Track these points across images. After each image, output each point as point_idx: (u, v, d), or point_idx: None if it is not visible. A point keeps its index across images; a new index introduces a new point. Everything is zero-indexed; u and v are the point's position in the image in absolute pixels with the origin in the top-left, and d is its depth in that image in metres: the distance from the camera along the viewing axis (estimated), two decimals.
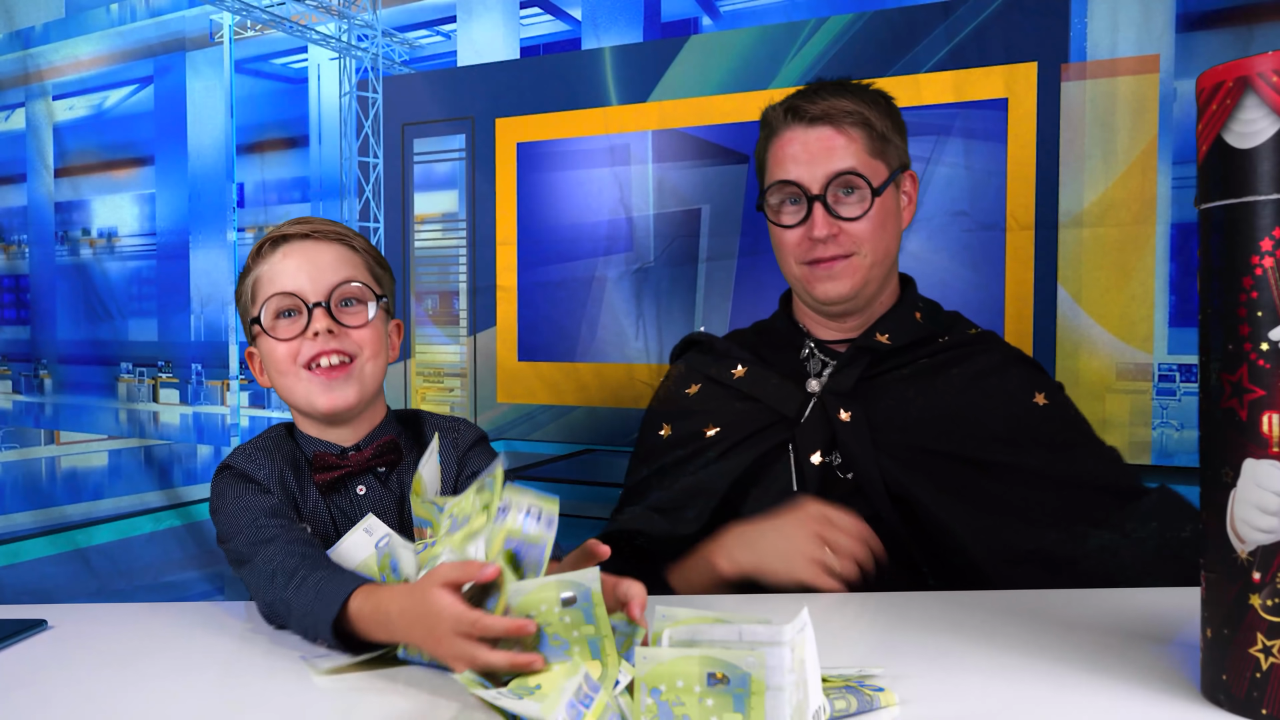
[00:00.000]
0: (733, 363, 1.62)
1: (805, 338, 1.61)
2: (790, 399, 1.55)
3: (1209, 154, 0.84)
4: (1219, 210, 0.83)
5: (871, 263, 1.52)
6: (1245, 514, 0.81)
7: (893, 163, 1.54)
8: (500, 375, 2.41)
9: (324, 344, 1.34)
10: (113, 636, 1.05)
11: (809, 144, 1.51)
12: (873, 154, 1.51)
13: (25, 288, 3.04)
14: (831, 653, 0.97)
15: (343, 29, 2.54)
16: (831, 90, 1.53)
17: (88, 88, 2.92)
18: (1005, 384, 1.53)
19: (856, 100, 1.51)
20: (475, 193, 2.42)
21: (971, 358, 1.56)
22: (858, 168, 1.49)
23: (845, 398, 1.51)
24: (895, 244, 1.57)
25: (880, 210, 1.51)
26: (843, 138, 1.50)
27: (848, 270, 1.52)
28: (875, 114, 1.51)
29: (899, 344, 1.54)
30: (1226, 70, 0.82)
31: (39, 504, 2.97)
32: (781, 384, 1.57)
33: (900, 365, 1.55)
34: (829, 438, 1.50)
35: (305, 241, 1.38)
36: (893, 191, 1.54)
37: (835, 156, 1.50)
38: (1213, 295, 0.84)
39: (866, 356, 1.54)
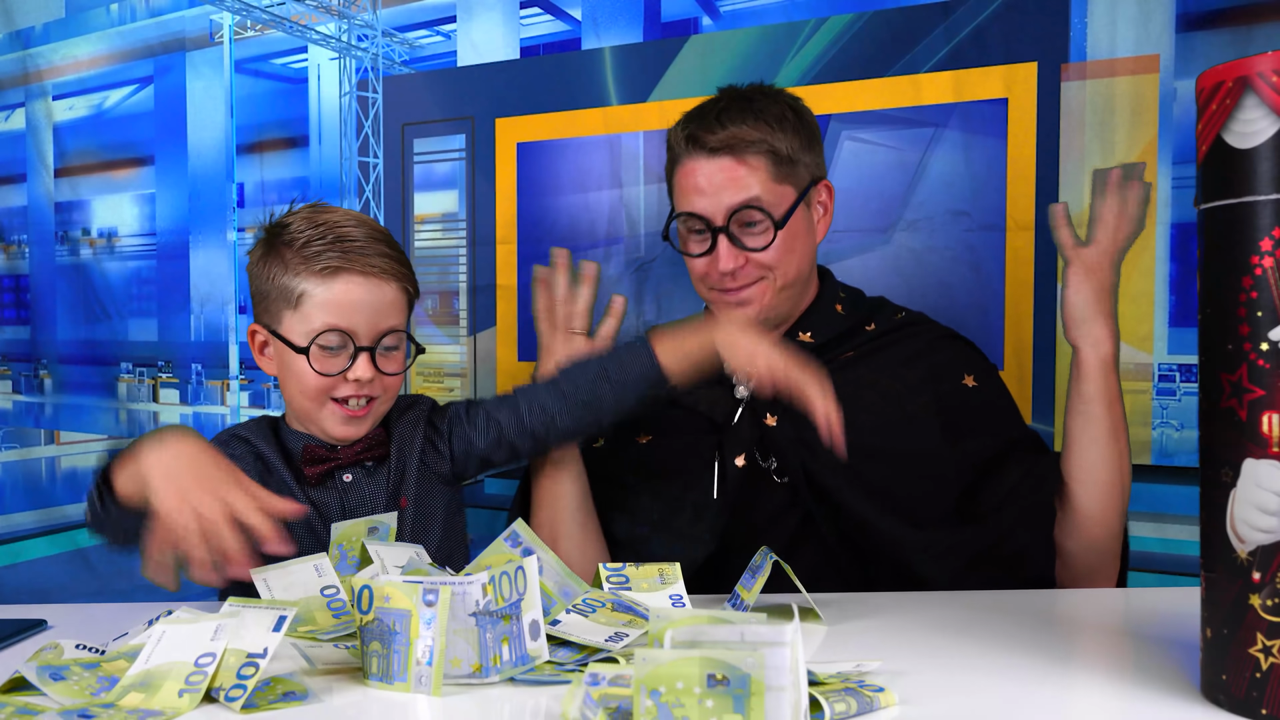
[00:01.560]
0: None
1: None
2: (719, 405, 1.53)
3: (1209, 154, 0.84)
4: (1218, 210, 0.83)
5: (781, 285, 1.50)
6: (1245, 514, 0.81)
7: (802, 181, 1.50)
8: (500, 375, 2.41)
9: (359, 389, 1.35)
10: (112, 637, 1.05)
11: (711, 175, 1.47)
12: (777, 179, 1.47)
13: (25, 288, 3.05)
14: (830, 652, 0.97)
15: (343, 29, 2.54)
16: (734, 114, 1.47)
17: (88, 88, 2.92)
18: (934, 365, 1.53)
19: (759, 124, 1.46)
20: (475, 193, 2.42)
21: (899, 343, 1.55)
22: (760, 198, 1.45)
23: (771, 402, 1.47)
24: (808, 260, 1.54)
25: (787, 235, 1.47)
26: (744, 168, 1.46)
27: (756, 295, 1.50)
28: (781, 136, 1.47)
29: (822, 341, 1.54)
30: (1226, 70, 0.82)
31: (39, 504, 2.97)
32: (710, 391, 1.54)
33: (826, 361, 1.50)
34: (758, 441, 1.49)
35: (367, 280, 1.34)
36: (802, 211, 1.50)
37: (737, 188, 1.46)
38: (1212, 295, 0.84)
39: None
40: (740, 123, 1.46)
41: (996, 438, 1.51)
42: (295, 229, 1.36)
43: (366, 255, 1.34)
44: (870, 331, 1.57)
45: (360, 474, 1.41)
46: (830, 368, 1.49)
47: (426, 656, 0.90)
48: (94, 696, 0.89)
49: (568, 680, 0.90)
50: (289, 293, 1.34)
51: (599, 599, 1.09)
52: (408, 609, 0.91)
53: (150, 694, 0.88)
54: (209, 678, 0.88)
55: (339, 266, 1.33)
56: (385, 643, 0.92)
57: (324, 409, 1.37)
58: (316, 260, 1.33)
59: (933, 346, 1.56)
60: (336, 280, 1.33)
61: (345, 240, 1.34)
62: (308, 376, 1.34)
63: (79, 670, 0.93)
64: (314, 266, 1.33)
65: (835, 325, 1.56)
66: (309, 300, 1.33)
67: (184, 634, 0.93)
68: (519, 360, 2.38)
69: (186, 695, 0.87)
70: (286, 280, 1.35)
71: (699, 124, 1.48)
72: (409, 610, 0.91)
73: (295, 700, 0.88)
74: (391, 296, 1.36)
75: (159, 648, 0.92)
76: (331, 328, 1.33)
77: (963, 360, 1.56)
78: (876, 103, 2.02)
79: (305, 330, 1.33)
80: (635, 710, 0.73)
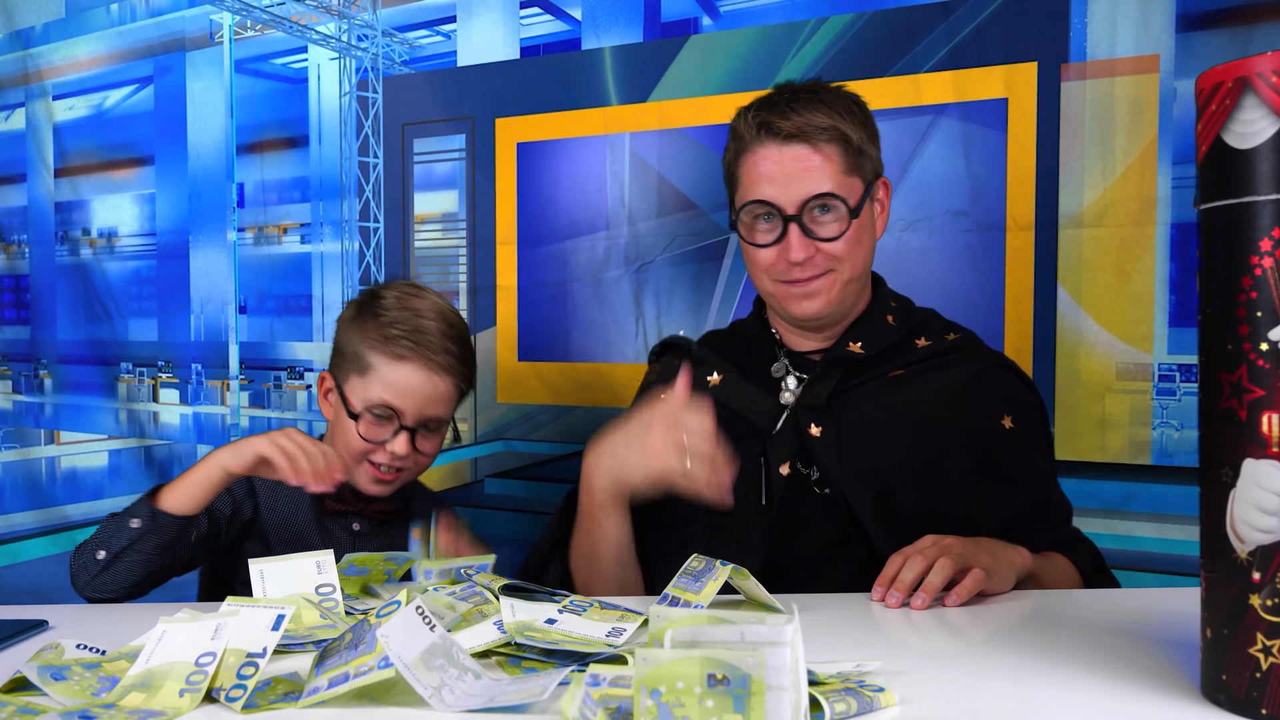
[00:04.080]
0: (709, 369, 1.59)
1: (778, 347, 1.57)
2: (764, 410, 1.52)
3: (1208, 154, 0.84)
4: (1218, 210, 0.83)
5: (849, 279, 1.47)
6: (1245, 514, 0.81)
7: (868, 175, 1.48)
8: (500, 375, 2.41)
9: (393, 460, 1.56)
10: (113, 637, 1.05)
11: (783, 163, 1.43)
12: (849, 171, 1.44)
13: (25, 288, 3.05)
14: (831, 652, 0.97)
15: (343, 29, 2.54)
16: (806, 103, 1.44)
17: (88, 88, 2.93)
18: (979, 398, 1.49)
19: (831, 113, 1.43)
20: (475, 193, 2.43)
21: (949, 367, 1.51)
22: (835, 189, 1.42)
23: (817, 412, 1.48)
24: (871, 256, 1.52)
25: (856, 227, 1.45)
26: (819, 156, 1.42)
27: (824, 287, 1.47)
28: (851, 126, 1.44)
29: (872, 352, 1.51)
30: (1226, 70, 0.81)
31: (39, 504, 2.97)
32: (756, 394, 1.54)
33: (875, 377, 1.51)
34: (800, 450, 1.47)
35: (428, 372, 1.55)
36: (867, 204, 1.48)
37: (811, 178, 1.42)
38: (1212, 295, 0.84)
39: (840, 369, 1.50)
40: (814, 110, 1.43)
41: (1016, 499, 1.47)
42: (384, 305, 1.58)
43: (433, 351, 1.55)
44: (921, 349, 1.53)
45: (369, 527, 1.62)
46: (877, 384, 1.50)
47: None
48: (95, 697, 0.89)
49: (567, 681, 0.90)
50: (361, 361, 1.55)
51: (585, 600, 1.10)
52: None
53: (151, 694, 0.88)
54: (209, 677, 0.88)
55: (407, 355, 1.54)
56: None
57: (359, 467, 1.56)
58: (392, 344, 1.54)
59: (981, 378, 1.51)
60: (401, 365, 1.54)
61: (421, 332, 1.55)
62: (353, 439, 1.54)
63: (80, 670, 0.93)
64: (387, 348, 1.54)
65: (885, 337, 1.52)
66: (374, 374, 1.54)
67: (184, 634, 0.93)
68: (519, 360, 2.38)
69: (187, 695, 0.87)
70: (362, 349, 1.56)
71: (771, 110, 1.45)
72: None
73: (295, 700, 0.88)
74: (445, 390, 1.58)
75: (159, 648, 0.93)
76: (384, 404, 1.54)
77: (1005, 397, 1.51)
78: (876, 103, 1.99)
79: (363, 398, 1.54)
80: (635, 710, 0.73)
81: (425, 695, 0.83)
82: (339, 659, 0.89)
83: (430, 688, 0.84)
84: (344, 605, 1.12)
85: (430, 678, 0.84)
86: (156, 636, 0.94)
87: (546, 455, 2.35)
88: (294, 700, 0.88)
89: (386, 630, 0.85)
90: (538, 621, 1.03)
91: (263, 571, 1.11)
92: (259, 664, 0.89)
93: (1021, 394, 1.54)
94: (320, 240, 2.61)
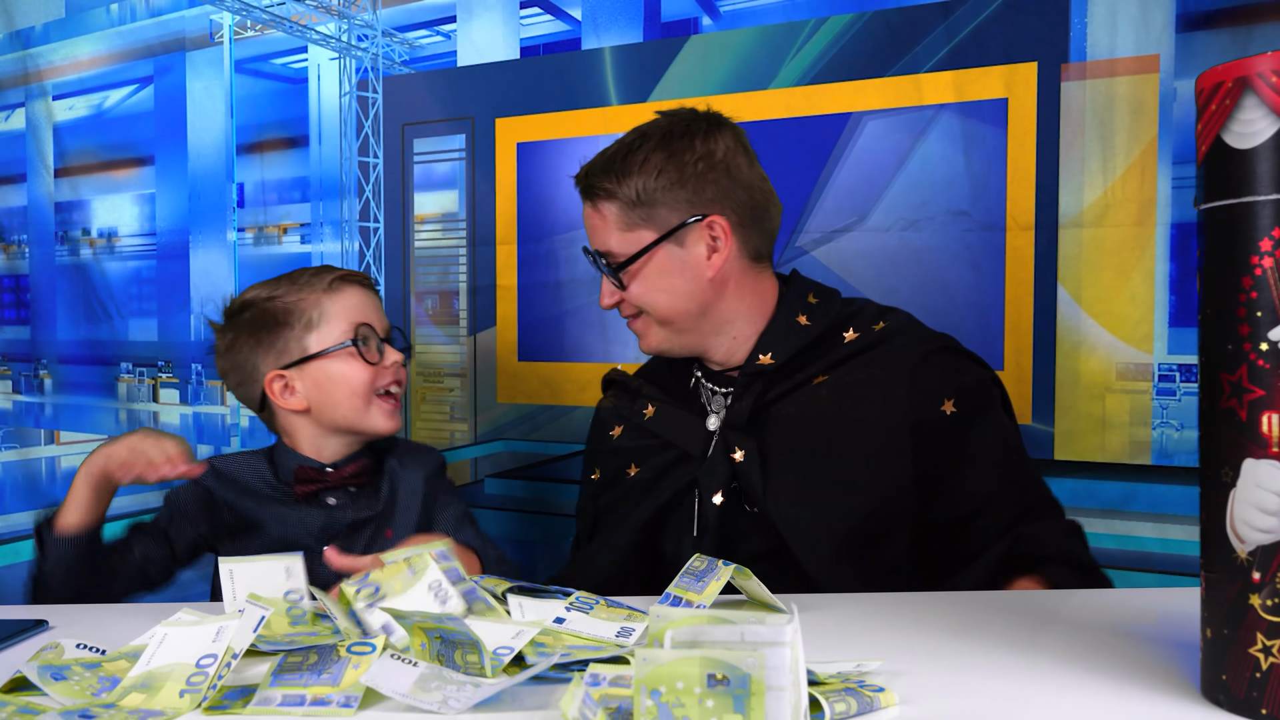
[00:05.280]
0: (643, 403, 1.62)
1: (694, 368, 1.61)
2: (695, 438, 1.53)
3: (1208, 154, 0.83)
4: (1218, 210, 0.83)
5: (662, 319, 1.52)
6: (1245, 514, 0.81)
7: (666, 222, 1.49)
8: (500, 375, 2.41)
9: (397, 373, 1.58)
10: (113, 637, 1.05)
11: (586, 218, 1.57)
12: (627, 227, 1.50)
13: (25, 288, 3.05)
14: (830, 652, 0.97)
15: (343, 29, 2.54)
16: (601, 161, 1.53)
17: (88, 88, 2.92)
18: (913, 391, 1.45)
19: (610, 173, 1.50)
20: (475, 193, 2.43)
21: (875, 363, 1.48)
22: (606, 246, 1.53)
23: (740, 432, 1.48)
24: (689, 298, 1.51)
25: (650, 275, 1.51)
26: (598, 215, 1.54)
27: (643, 327, 1.56)
28: (636, 180, 1.48)
29: (783, 360, 1.49)
30: (1226, 70, 0.81)
31: (39, 504, 2.97)
32: (687, 422, 1.55)
33: (796, 386, 1.49)
34: (730, 473, 1.47)
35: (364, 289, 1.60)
36: (668, 251, 1.49)
37: (596, 235, 1.55)
38: (1212, 295, 0.84)
39: (758, 383, 1.50)
40: (597, 172, 1.52)
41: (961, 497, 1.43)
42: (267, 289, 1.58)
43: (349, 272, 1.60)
44: (847, 344, 1.50)
45: (345, 499, 1.57)
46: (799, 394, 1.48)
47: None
48: (95, 697, 0.89)
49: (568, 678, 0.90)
50: (303, 317, 1.54)
51: (591, 598, 1.10)
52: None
53: (151, 694, 0.88)
54: (210, 678, 0.88)
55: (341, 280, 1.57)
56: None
57: (372, 406, 1.56)
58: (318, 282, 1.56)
59: (914, 367, 1.46)
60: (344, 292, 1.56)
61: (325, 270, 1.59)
62: (353, 375, 1.54)
63: (80, 670, 0.93)
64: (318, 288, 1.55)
65: (798, 339, 1.51)
66: (328, 313, 1.55)
67: (186, 635, 0.93)
68: (519, 360, 2.38)
69: (188, 696, 0.87)
70: (293, 317, 1.55)
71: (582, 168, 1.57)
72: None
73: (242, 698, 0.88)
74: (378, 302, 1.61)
75: (161, 649, 0.93)
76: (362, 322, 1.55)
77: (943, 381, 1.46)
78: (876, 103, 2.02)
79: (337, 336, 1.54)
80: (635, 710, 0.72)
81: (434, 709, 0.83)
82: (299, 678, 0.89)
83: (435, 703, 0.84)
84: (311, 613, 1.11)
85: (431, 697, 0.84)
86: (158, 638, 0.94)
87: (546, 455, 2.35)
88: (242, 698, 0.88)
89: (372, 675, 0.85)
90: (547, 621, 1.03)
91: (232, 571, 1.12)
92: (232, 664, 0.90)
93: (963, 375, 1.48)
94: (320, 240, 2.61)
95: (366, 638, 0.95)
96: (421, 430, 2.49)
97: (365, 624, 1.02)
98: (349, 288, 1.58)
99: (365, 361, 1.54)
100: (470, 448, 2.44)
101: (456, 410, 2.45)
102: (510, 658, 0.92)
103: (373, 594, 1.05)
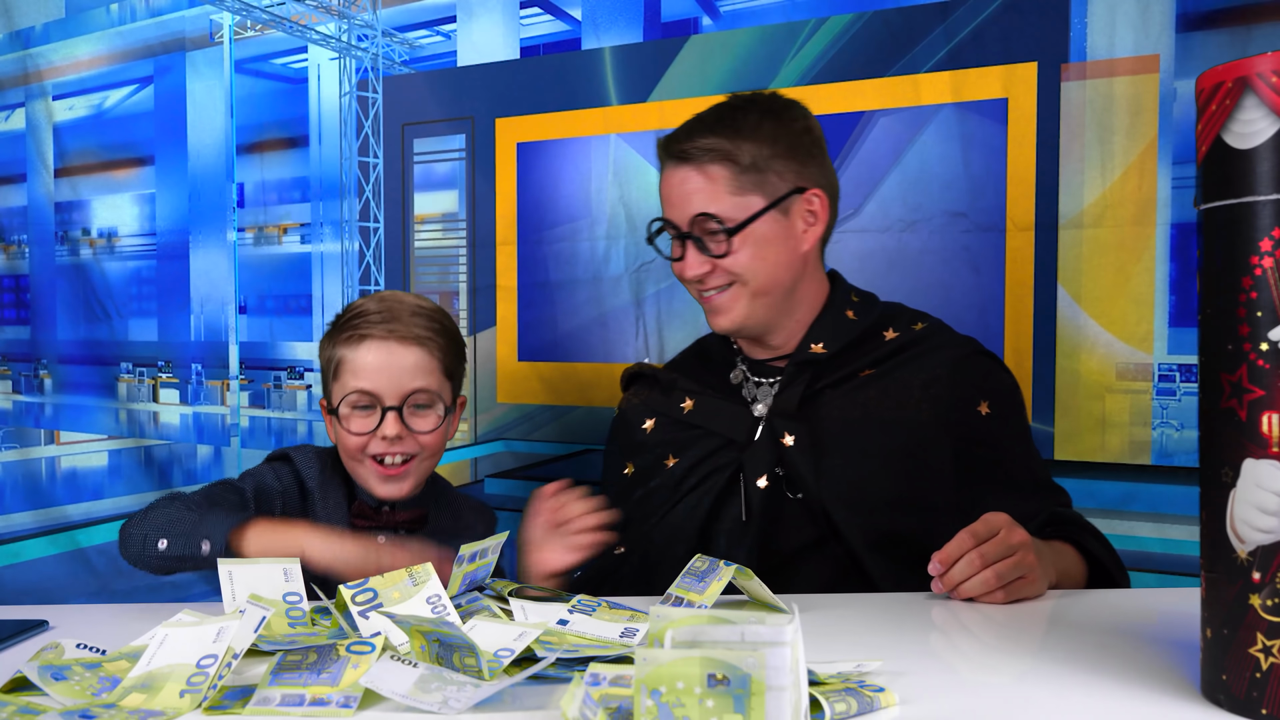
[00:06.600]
0: (680, 396, 1.63)
1: (738, 358, 1.62)
2: (739, 425, 1.55)
3: (1208, 154, 0.84)
4: (1218, 210, 0.83)
5: (755, 290, 1.51)
6: (1245, 514, 0.81)
7: (774, 189, 1.50)
8: (500, 375, 2.41)
9: (390, 446, 1.47)
10: (113, 637, 1.05)
11: (675, 184, 1.52)
12: (739, 190, 1.48)
13: (25, 288, 3.04)
14: (831, 652, 0.97)
15: (343, 29, 2.54)
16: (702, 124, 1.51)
17: (88, 88, 2.92)
18: (953, 390, 1.51)
19: (720, 135, 1.48)
20: (475, 193, 2.43)
21: (920, 358, 1.53)
22: (716, 210, 1.48)
23: (790, 419, 1.50)
24: (786, 269, 1.53)
25: (754, 242, 1.49)
26: (701, 178, 1.49)
27: (730, 302, 1.52)
28: (747, 145, 1.48)
29: (834, 350, 1.53)
30: (1226, 71, 0.81)
31: (39, 504, 2.97)
32: (730, 410, 1.57)
33: (845, 377, 1.53)
34: (777, 459, 1.49)
35: (388, 344, 1.47)
36: (774, 219, 1.50)
37: (695, 197, 1.49)
38: (1212, 295, 0.84)
39: (807, 372, 1.53)
40: (703, 133, 1.50)
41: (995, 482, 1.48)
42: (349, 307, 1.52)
43: (389, 323, 1.48)
44: (889, 341, 1.55)
45: (394, 540, 1.47)
46: (849, 385, 1.52)
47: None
48: (95, 697, 0.89)
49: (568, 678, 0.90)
50: (330, 364, 1.50)
51: (593, 600, 1.10)
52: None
53: (152, 695, 0.88)
54: (210, 678, 0.89)
55: (364, 334, 1.47)
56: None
57: (363, 467, 1.49)
58: (351, 330, 1.48)
59: (954, 367, 1.53)
60: (364, 345, 1.47)
61: (382, 312, 1.49)
62: (347, 440, 1.48)
63: (80, 670, 0.93)
64: (349, 337, 1.48)
65: (846, 332, 1.55)
66: (343, 368, 1.49)
67: (186, 636, 0.93)
68: (519, 360, 2.38)
69: (188, 696, 0.87)
70: (331, 353, 1.51)
71: (673, 133, 1.53)
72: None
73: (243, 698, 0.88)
74: (418, 359, 1.48)
75: (161, 649, 0.93)
76: (359, 390, 1.47)
77: (979, 383, 1.53)
78: (876, 103, 2.02)
79: (340, 396, 1.48)
80: (635, 710, 0.72)
81: (434, 709, 0.84)
82: (298, 677, 0.89)
83: (435, 703, 0.84)
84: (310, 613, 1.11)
85: (431, 697, 0.85)
86: (159, 639, 0.94)
87: (546, 455, 2.35)
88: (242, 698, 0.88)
89: (372, 676, 0.86)
90: (550, 623, 1.03)
91: (231, 572, 1.11)
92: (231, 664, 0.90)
93: (996, 379, 1.56)
94: (320, 240, 2.61)
95: (366, 637, 0.95)
96: None
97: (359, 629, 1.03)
98: (371, 342, 1.48)
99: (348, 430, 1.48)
100: (470, 448, 2.44)
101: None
102: (511, 659, 0.92)
103: (370, 599, 1.05)
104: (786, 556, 1.48)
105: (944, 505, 1.45)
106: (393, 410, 1.46)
